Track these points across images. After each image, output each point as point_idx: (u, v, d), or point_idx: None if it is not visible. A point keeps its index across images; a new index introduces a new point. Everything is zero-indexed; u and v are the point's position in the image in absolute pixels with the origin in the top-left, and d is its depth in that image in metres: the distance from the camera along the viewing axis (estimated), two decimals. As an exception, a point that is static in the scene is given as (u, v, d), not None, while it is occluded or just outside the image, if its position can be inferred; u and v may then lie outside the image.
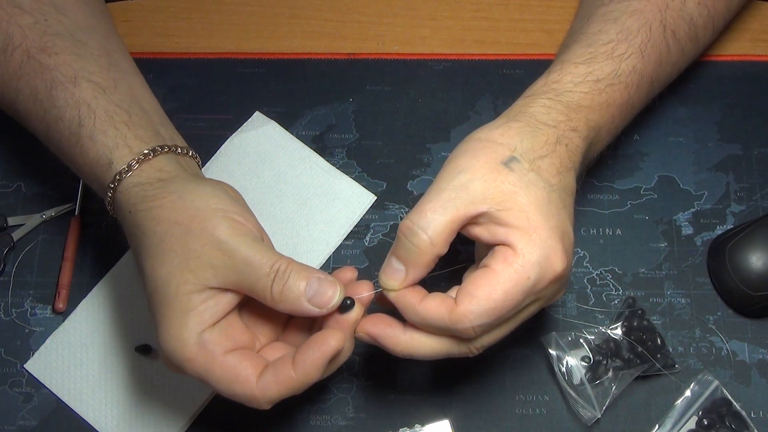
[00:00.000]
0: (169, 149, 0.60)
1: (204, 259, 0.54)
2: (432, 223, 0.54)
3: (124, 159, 0.59)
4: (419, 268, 0.56)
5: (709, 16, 0.68)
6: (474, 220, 0.55)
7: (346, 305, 0.56)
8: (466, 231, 0.56)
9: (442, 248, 0.55)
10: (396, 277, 0.56)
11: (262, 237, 0.58)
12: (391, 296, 0.57)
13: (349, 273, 0.59)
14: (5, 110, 0.67)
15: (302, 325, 0.60)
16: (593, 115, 0.60)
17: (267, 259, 0.55)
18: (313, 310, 0.55)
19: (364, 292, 0.57)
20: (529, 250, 0.53)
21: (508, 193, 0.54)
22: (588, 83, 0.61)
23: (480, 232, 0.55)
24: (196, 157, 0.63)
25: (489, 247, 0.56)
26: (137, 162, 0.59)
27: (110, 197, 0.59)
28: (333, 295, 0.55)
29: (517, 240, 0.54)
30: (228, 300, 0.56)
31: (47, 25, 0.64)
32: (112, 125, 0.60)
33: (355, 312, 0.56)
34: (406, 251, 0.55)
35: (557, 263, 0.54)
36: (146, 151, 0.59)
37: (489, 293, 0.53)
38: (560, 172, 0.57)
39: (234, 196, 0.59)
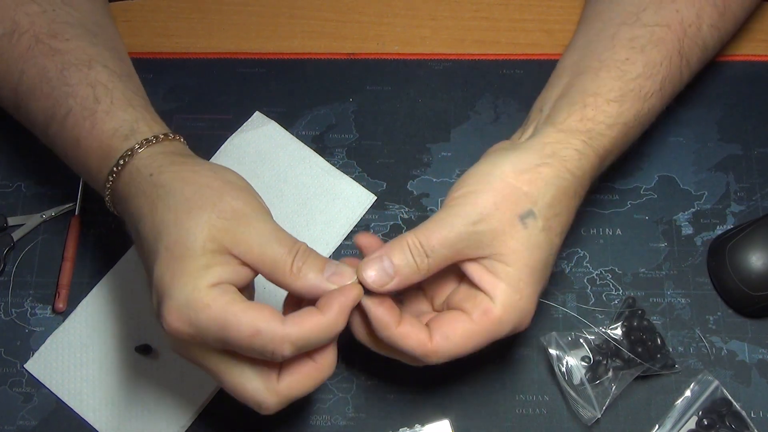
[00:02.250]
0: (182, 140, 0.61)
1: (234, 223, 0.54)
2: (438, 254, 0.56)
3: (145, 133, 0.59)
4: (407, 283, 0.57)
5: (720, 38, 0.69)
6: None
7: None
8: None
9: (435, 273, 0.57)
10: (381, 276, 0.56)
11: None
12: (366, 303, 0.56)
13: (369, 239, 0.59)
14: (3, 98, 0.66)
15: None
16: (610, 158, 0.62)
17: (289, 238, 0.55)
18: (331, 286, 0.55)
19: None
20: (510, 311, 0.56)
21: (513, 249, 0.56)
22: (618, 126, 0.61)
23: (470, 268, 0.57)
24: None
25: (471, 280, 0.57)
26: (159, 138, 0.58)
27: (123, 164, 0.58)
28: (351, 275, 0.56)
29: (502, 298, 0.56)
30: (244, 275, 0.55)
31: (56, 14, 0.63)
32: (131, 105, 0.60)
33: (356, 290, 0.56)
34: (406, 265, 0.56)
35: (526, 322, 0.58)
36: (166, 132, 0.59)
37: (464, 341, 0.56)
38: (563, 232, 0.59)
39: None
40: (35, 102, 0.62)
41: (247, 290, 0.57)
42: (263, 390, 0.55)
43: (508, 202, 0.56)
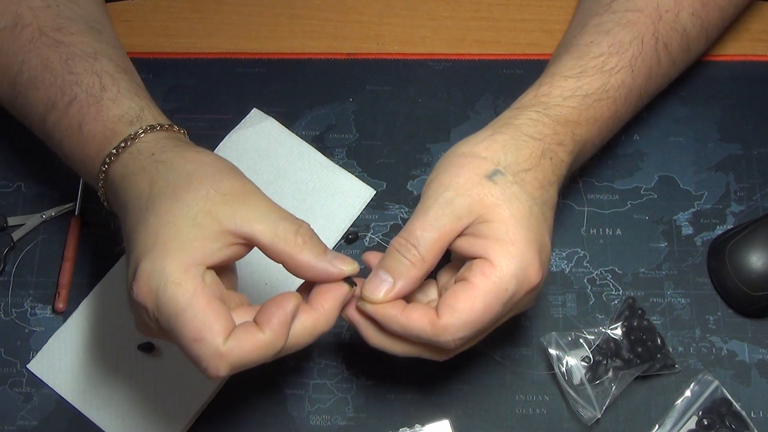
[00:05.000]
0: (185, 133, 0.61)
1: (233, 198, 0.54)
2: (421, 240, 0.56)
3: (150, 120, 0.59)
4: (409, 282, 0.56)
5: (703, 27, 0.69)
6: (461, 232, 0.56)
7: (350, 281, 0.56)
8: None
9: (433, 264, 0.56)
10: (382, 288, 0.56)
11: None
12: (370, 309, 0.56)
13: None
14: (2, 93, 0.65)
15: None
16: (580, 130, 0.61)
17: (291, 215, 0.55)
18: (330, 267, 0.55)
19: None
20: (507, 262, 0.54)
21: (490, 205, 0.55)
22: (577, 98, 0.61)
23: (461, 243, 0.56)
24: None
25: (465, 257, 0.57)
26: (164, 127, 0.59)
27: (125, 146, 0.57)
28: (352, 262, 0.56)
29: (494, 253, 0.55)
30: (231, 253, 0.54)
31: (60, 10, 0.64)
32: (137, 95, 0.60)
33: (346, 288, 0.56)
34: (398, 264, 0.56)
35: (533, 275, 0.55)
36: (170, 124, 0.60)
37: (470, 306, 0.54)
38: (543, 186, 0.58)
39: None
40: (35, 92, 0.62)
41: (230, 273, 0.57)
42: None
43: (470, 166, 0.57)
